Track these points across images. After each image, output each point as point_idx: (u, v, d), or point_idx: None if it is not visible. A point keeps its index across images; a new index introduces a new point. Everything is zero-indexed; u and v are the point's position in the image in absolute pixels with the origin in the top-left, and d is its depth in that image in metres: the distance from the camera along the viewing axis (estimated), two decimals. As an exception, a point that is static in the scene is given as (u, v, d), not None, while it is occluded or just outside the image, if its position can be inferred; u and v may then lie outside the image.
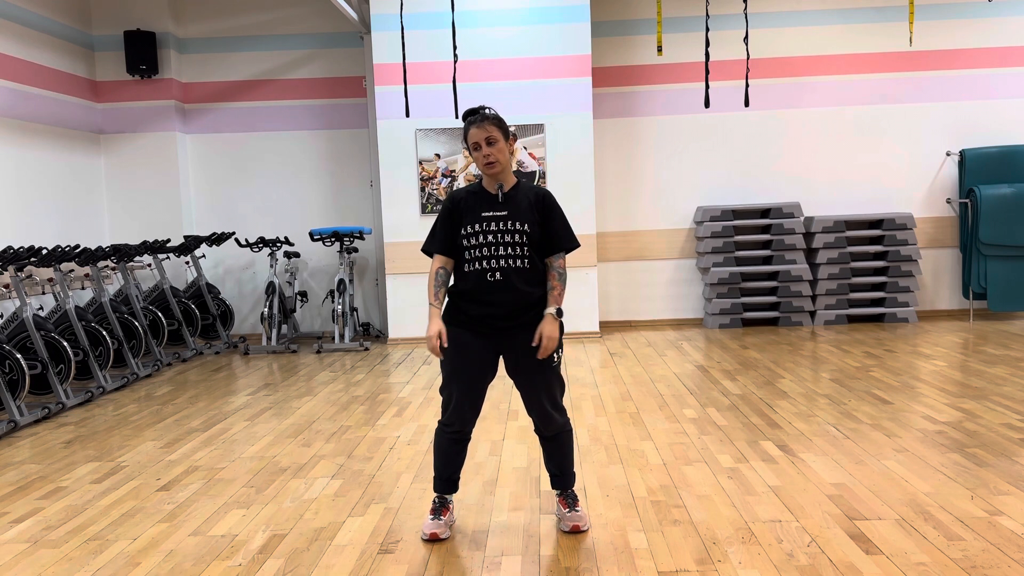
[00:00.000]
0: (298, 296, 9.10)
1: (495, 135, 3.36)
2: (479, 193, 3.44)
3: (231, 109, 9.43)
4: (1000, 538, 3.26)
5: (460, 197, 3.46)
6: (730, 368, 6.85)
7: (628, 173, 9.36)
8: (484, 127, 3.35)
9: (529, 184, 3.54)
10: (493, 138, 3.35)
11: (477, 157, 3.38)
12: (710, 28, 6.82)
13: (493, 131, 3.36)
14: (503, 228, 3.35)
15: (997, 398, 5.49)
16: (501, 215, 3.37)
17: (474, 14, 8.56)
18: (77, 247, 7.06)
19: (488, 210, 3.38)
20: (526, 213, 3.39)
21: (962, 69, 9.19)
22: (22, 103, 7.80)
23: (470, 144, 3.40)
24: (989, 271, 8.82)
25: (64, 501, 4.13)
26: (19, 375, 5.74)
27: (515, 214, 3.37)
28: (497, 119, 3.40)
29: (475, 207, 3.40)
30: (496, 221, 3.36)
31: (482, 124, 3.36)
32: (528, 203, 3.41)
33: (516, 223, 3.36)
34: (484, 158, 3.36)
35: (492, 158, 3.35)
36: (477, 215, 3.38)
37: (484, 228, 3.36)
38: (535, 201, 3.43)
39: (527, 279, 3.36)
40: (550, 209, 3.44)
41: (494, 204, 3.39)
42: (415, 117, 8.47)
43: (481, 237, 3.35)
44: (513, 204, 3.40)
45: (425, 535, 3.46)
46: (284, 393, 6.51)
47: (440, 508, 3.53)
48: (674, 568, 3.10)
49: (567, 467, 3.56)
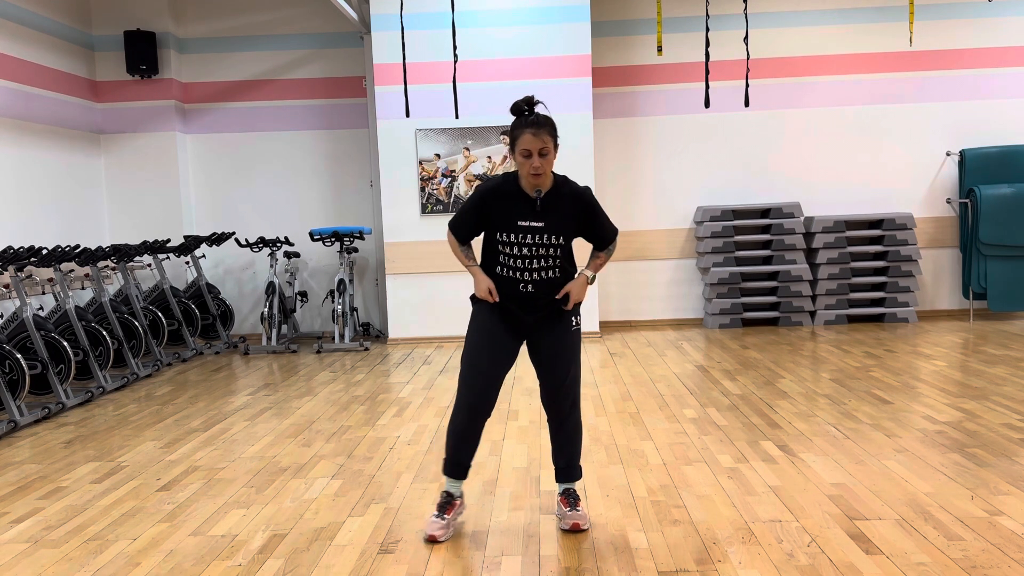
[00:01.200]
0: (298, 296, 9.10)
1: (549, 146, 3.22)
2: (515, 194, 3.31)
3: (231, 109, 9.43)
4: (1000, 538, 3.26)
5: (495, 196, 3.32)
6: (730, 368, 6.85)
7: (628, 173, 9.36)
8: (541, 136, 3.20)
9: (566, 183, 3.38)
10: (547, 149, 3.22)
11: (523, 164, 3.24)
12: (710, 28, 6.82)
13: (548, 142, 3.22)
14: (539, 242, 3.29)
15: (997, 398, 5.49)
16: (538, 227, 3.28)
17: (474, 14, 8.56)
18: (77, 247, 7.06)
19: (525, 218, 3.28)
20: (564, 223, 3.31)
21: (962, 69, 9.19)
22: (22, 103, 7.80)
23: (519, 149, 3.23)
24: (989, 271, 8.82)
25: (64, 501, 4.13)
26: (19, 375, 5.74)
27: (552, 226, 3.29)
28: (552, 126, 3.26)
29: (510, 212, 3.29)
30: (533, 233, 3.28)
31: (539, 133, 3.20)
32: (566, 211, 3.31)
33: (552, 236, 3.30)
34: (532, 168, 3.22)
35: (541, 170, 3.23)
36: (513, 222, 3.29)
37: (520, 240, 3.28)
38: (575, 207, 3.33)
39: (559, 285, 3.41)
40: (593, 211, 3.40)
41: (531, 211, 3.29)
42: (415, 117, 8.47)
43: (516, 248, 3.29)
44: (551, 214, 3.30)
45: (425, 536, 3.44)
46: (284, 393, 6.51)
47: (446, 504, 3.48)
48: (674, 568, 3.10)
49: (575, 459, 3.55)
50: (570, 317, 3.44)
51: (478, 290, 3.39)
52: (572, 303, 3.40)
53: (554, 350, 3.42)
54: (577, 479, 3.57)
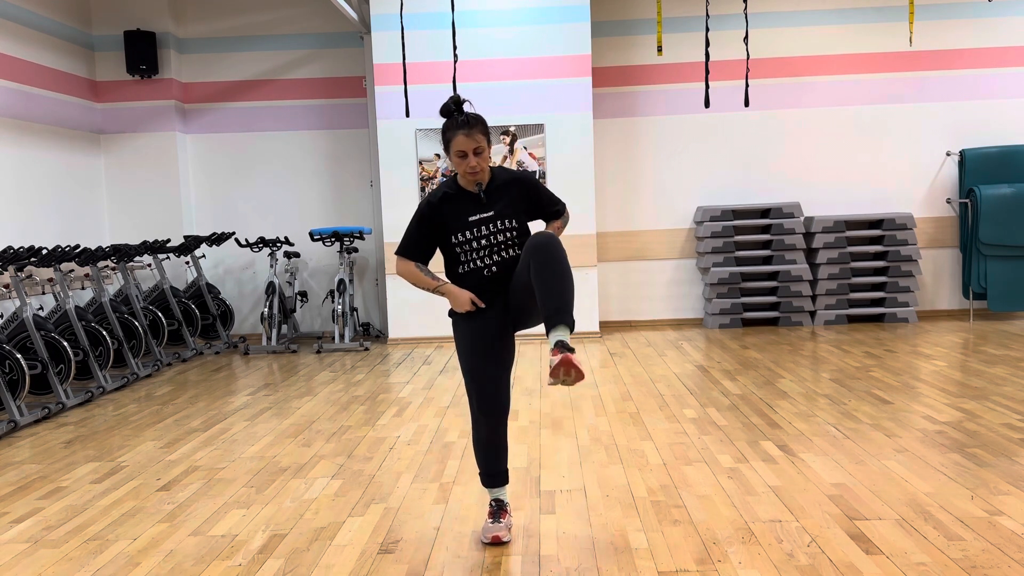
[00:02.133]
0: (298, 296, 9.10)
1: (483, 144, 3.25)
2: (458, 195, 3.35)
3: (231, 109, 9.43)
4: (1000, 538, 3.26)
5: (439, 202, 3.34)
6: (730, 368, 6.85)
7: (628, 173, 9.36)
8: (474, 136, 3.21)
9: (503, 172, 3.42)
10: (481, 148, 3.24)
11: (459, 164, 3.26)
12: (710, 28, 6.82)
13: (481, 140, 3.24)
14: (493, 229, 3.31)
15: (997, 398, 5.49)
16: (488, 216, 3.31)
17: (474, 14, 8.56)
18: (77, 247, 7.06)
19: (473, 212, 3.32)
20: (510, 207, 3.34)
21: (962, 69, 9.18)
22: (22, 103, 7.80)
23: (454, 151, 3.24)
24: (989, 271, 8.82)
25: (64, 501, 4.13)
26: (19, 375, 5.74)
27: (501, 212, 3.32)
28: (483, 124, 3.26)
29: (459, 212, 3.32)
30: (485, 224, 3.31)
31: (471, 133, 3.21)
32: (510, 196, 3.36)
33: (504, 221, 3.32)
34: (469, 168, 3.25)
35: (478, 167, 3.26)
36: (464, 220, 3.31)
37: (476, 234, 3.30)
38: (516, 191, 3.38)
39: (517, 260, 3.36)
40: (535, 191, 3.45)
41: (478, 205, 3.33)
42: (415, 117, 8.46)
43: (473, 243, 3.31)
44: (496, 201, 3.33)
45: (486, 539, 3.38)
46: (284, 393, 6.51)
47: (498, 511, 3.45)
48: (674, 568, 3.10)
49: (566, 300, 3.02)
50: None
51: (459, 305, 3.32)
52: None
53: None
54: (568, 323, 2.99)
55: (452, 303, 3.36)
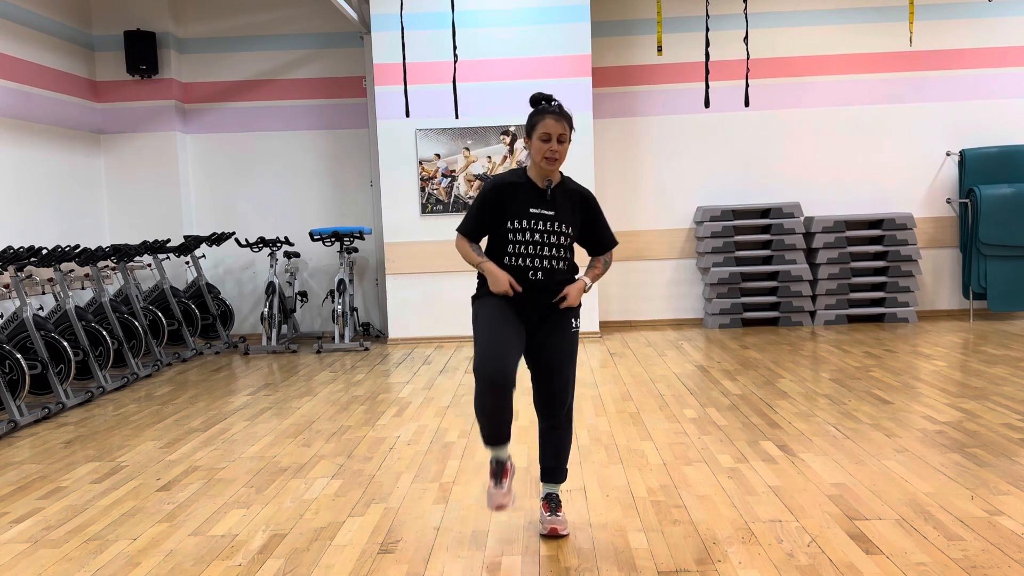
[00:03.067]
0: (298, 296, 9.10)
1: (568, 134, 3.33)
2: (526, 185, 3.38)
3: (231, 109, 9.43)
4: (1000, 538, 3.26)
5: (505, 186, 3.38)
6: (730, 368, 6.85)
7: (628, 173, 9.36)
8: (562, 123, 3.30)
9: (573, 182, 3.50)
10: (565, 136, 3.32)
11: (540, 148, 3.30)
12: (710, 28, 6.82)
13: (567, 130, 3.33)
14: (550, 229, 3.34)
15: (997, 398, 5.49)
16: (549, 215, 3.35)
17: (474, 14, 8.56)
18: (77, 247, 7.06)
19: (536, 206, 3.35)
20: (571, 215, 3.40)
21: (962, 69, 9.18)
22: (22, 103, 7.80)
23: (539, 133, 3.30)
24: (989, 271, 8.82)
25: (64, 501, 4.13)
26: (19, 375, 5.74)
27: (562, 215, 3.37)
28: (571, 119, 3.37)
29: (522, 200, 3.36)
30: (544, 220, 3.34)
31: (560, 119, 3.30)
32: (573, 204, 3.41)
33: (563, 225, 3.36)
34: (550, 151, 3.29)
35: (557, 155, 3.30)
36: (525, 210, 3.35)
37: (531, 226, 3.33)
38: (580, 203, 3.44)
39: (564, 278, 3.42)
40: (595, 213, 3.49)
41: (542, 201, 3.36)
42: (415, 117, 8.47)
43: (528, 235, 3.33)
44: (560, 204, 3.38)
45: (491, 506, 3.38)
46: (284, 393, 6.51)
47: (499, 472, 3.37)
48: (674, 568, 3.10)
49: (563, 460, 3.51)
50: (570, 319, 3.44)
51: (497, 286, 3.32)
52: (568, 302, 3.39)
53: (555, 351, 3.40)
54: (562, 481, 3.54)
55: (491, 281, 3.34)
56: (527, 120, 3.39)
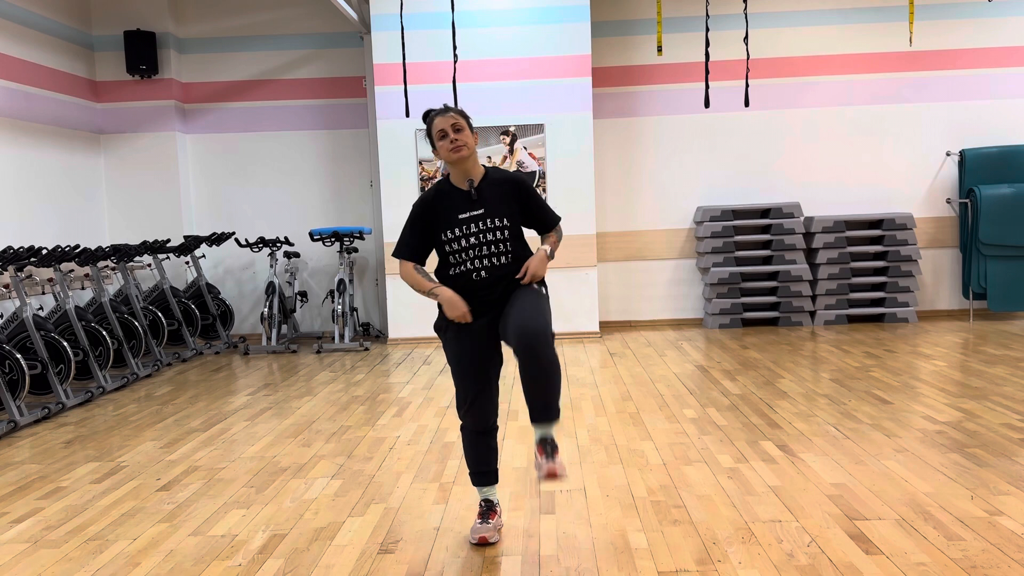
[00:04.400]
0: (298, 296, 9.10)
1: (460, 122, 3.29)
2: (449, 192, 3.33)
3: (231, 109, 9.43)
4: (1000, 538, 3.26)
5: (430, 199, 3.35)
6: (730, 368, 6.85)
7: (628, 173, 9.36)
8: (450, 115, 3.29)
9: (498, 171, 3.41)
10: (459, 124, 3.27)
11: (442, 146, 3.27)
12: (710, 28, 6.82)
13: (459, 119, 3.29)
14: (483, 228, 3.28)
15: (997, 398, 5.49)
16: (478, 214, 3.28)
17: (474, 14, 8.56)
18: (77, 247, 7.06)
19: (464, 210, 3.29)
20: (502, 206, 3.31)
21: (962, 69, 9.18)
22: (22, 103, 7.80)
23: (435, 133, 3.29)
24: (989, 271, 8.82)
25: (64, 501, 4.13)
26: (19, 375, 5.74)
27: (492, 210, 3.29)
28: (461, 111, 3.35)
29: (449, 209, 3.30)
30: (474, 222, 3.28)
31: (446, 114, 3.29)
32: (502, 194, 3.32)
33: (494, 220, 3.28)
34: (451, 143, 3.25)
35: (460, 142, 3.25)
36: (454, 218, 3.29)
37: (464, 232, 3.27)
38: (509, 191, 3.34)
39: (513, 271, 3.32)
40: (528, 195, 3.39)
41: (468, 203, 3.30)
42: (415, 117, 8.45)
43: (463, 241, 3.27)
44: (487, 200, 3.30)
45: (473, 539, 3.38)
46: (284, 393, 6.51)
47: (487, 512, 3.45)
48: (674, 568, 3.10)
49: (552, 398, 3.13)
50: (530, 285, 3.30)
51: (451, 312, 3.23)
52: (530, 277, 3.28)
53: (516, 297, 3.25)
54: (554, 419, 3.16)
55: (445, 308, 3.25)
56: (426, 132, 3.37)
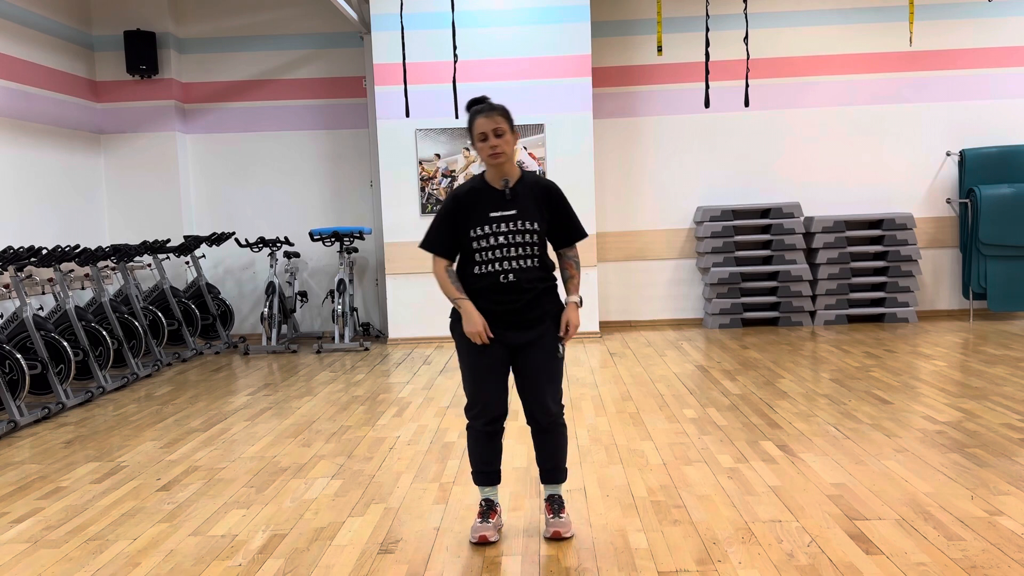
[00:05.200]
0: (298, 296, 9.10)
1: (503, 126, 3.29)
2: (483, 190, 3.35)
3: (231, 109, 9.43)
4: (1000, 538, 3.26)
5: (463, 194, 3.36)
6: (730, 368, 6.84)
7: (628, 173, 9.36)
8: (492, 117, 3.28)
9: (533, 176, 3.45)
10: (501, 129, 3.28)
11: (482, 148, 3.29)
12: (710, 28, 6.82)
13: (501, 123, 3.29)
14: (513, 229, 3.29)
15: (997, 398, 5.49)
16: (510, 215, 3.29)
17: (474, 14, 8.56)
18: (77, 247, 7.06)
19: (496, 209, 3.30)
20: (534, 210, 3.32)
21: (962, 69, 9.18)
22: (22, 103, 7.80)
23: (475, 134, 3.31)
24: (989, 271, 8.82)
25: (64, 501, 4.13)
26: (19, 375, 5.74)
27: (524, 213, 3.31)
28: (504, 110, 3.33)
29: (481, 206, 3.31)
30: (505, 222, 3.29)
31: (490, 114, 3.29)
32: (535, 198, 3.34)
33: (526, 222, 3.30)
34: (490, 149, 3.27)
35: (499, 149, 3.27)
36: (485, 215, 3.30)
37: (494, 230, 3.28)
38: (542, 196, 3.37)
39: (538, 276, 3.34)
40: (559, 203, 3.41)
41: (501, 202, 3.31)
42: (415, 117, 8.47)
43: (492, 239, 3.28)
44: (520, 201, 3.32)
45: (474, 538, 3.38)
46: (284, 393, 6.51)
47: (488, 511, 3.44)
48: (674, 568, 3.10)
49: (560, 461, 3.47)
50: (556, 345, 3.38)
51: (468, 327, 3.28)
52: (573, 332, 3.39)
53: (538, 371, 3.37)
54: (562, 482, 3.50)
55: (464, 322, 3.30)
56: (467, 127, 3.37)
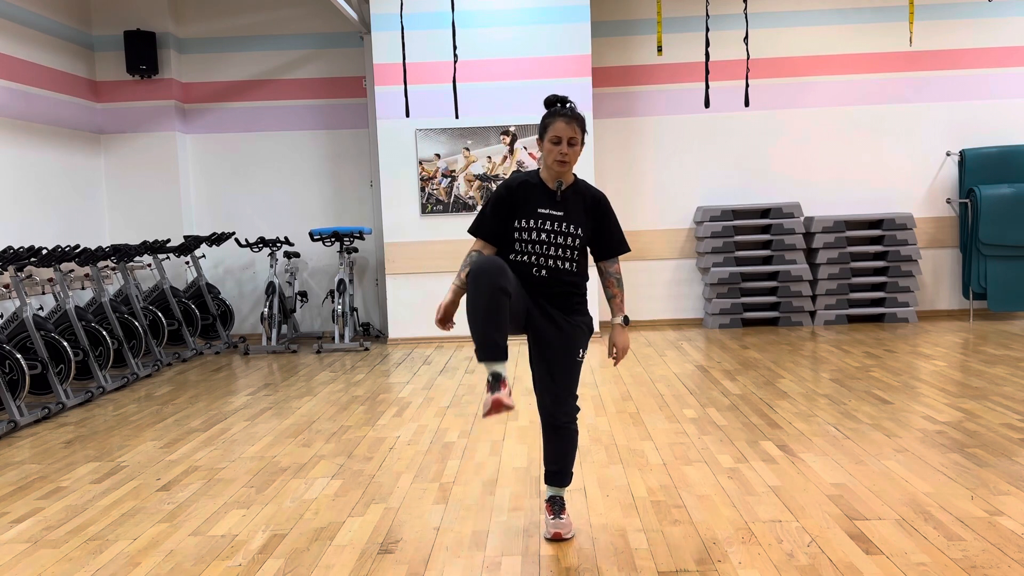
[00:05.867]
0: (298, 296, 9.10)
1: (578, 137, 3.32)
2: (537, 185, 3.39)
3: (231, 109, 9.43)
4: (1000, 538, 3.26)
5: (516, 185, 3.39)
6: (730, 368, 6.84)
7: (628, 173, 9.36)
8: (573, 126, 3.30)
9: (586, 184, 3.49)
10: (576, 139, 3.31)
11: (551, 151, 3.31)
12: (710, 28, 6.82)
13: (579, 133, 3.32)
14: (557, 229, 3.33)
15: (997, 398, 5.49)
16: (557, 215, 3.35)
17: (474, 14, 8.56)
18: (77, 247, 7.06)
19: (545, 207, 3.35)
20: (581, 216, 3.38)
21: (962, 69, 9.18)
22: (22, 103, 7.80)
23: (549, 136, 3.31)
24: (989, 271, 8.82)
25: (64, 501, 4.13)
26: (19, 375, 5.74)
27: (570, 216, 3.36)
28: (583, 121, 3.36)
29: (531, 200, 3.36)
30: (551, 220, 3.34)
31: (571, 122, 3.30)
32: (584, 206, 3.40)
33: (571, 226, 3.35)
34: (560, 154, 3.30)
35: (567, 157, 3.31)
36: (532, 210, 3.35)
37: (538, 225, 3.33)
38: (591, 204, 3.42)
39: (571, 279, 3.39)
40: (606, 214, 3.46)
41: (551, 201, 3.36)
42: (415, 117, 8.47)
43: (534, 234, 3.33)
44: (570, 205, 3.38)
45: (487, 408, 3.09)
46: (284, 393, 6.51)
47: (496, 383, 3.10)
48: (674, 568, 3.10)
49: (567, 465, 3.49)
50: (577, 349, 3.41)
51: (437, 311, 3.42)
52: (622, 355, 3.52)
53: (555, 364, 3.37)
54: (566, 485, 3.51)
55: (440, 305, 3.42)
56: (540, 121, 3.39)
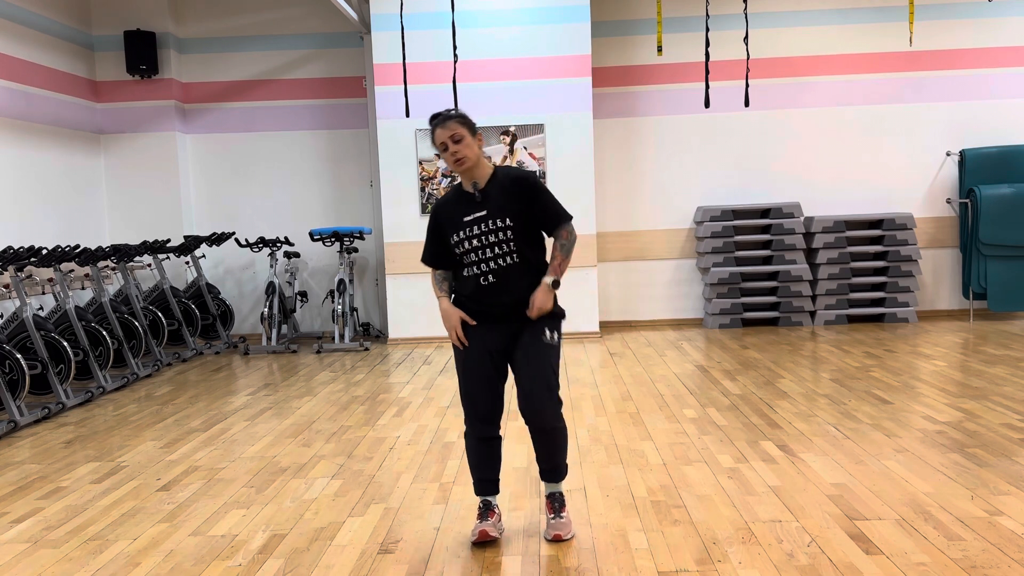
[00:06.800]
0: (298, 296, 9.10)
1: (460, 132, 3.31)
2: (458, 197, 3.41)
3: (231, 109, 9.43)
4: (1000, 538, 3.26)
5: (440, 206, 3.44)
6: (730, 368, 6.84)
7: (628, 173, 9.36)
8: (448, 126, 3.31)
9: (505, 171, 3.44)
10: (458, 135, 3.30)
11: (446, 158, 3.34)
12: (710, 28, 6.82)
13: (457, 128, 3.31)
14: (485, 229, 3.31)
15: (997, 398, 5.49)
16: (480, 215, 3.32)
17: (474, 14, 8.56)
18: (77, 247, 7.06)
19: (469, 213, 3.34)
20: (506, 205, 3.33)
21: (962, 69, 9.18)
22: (22, 103, 7.80)
23: (438, 146, 3.35)
24: (989, 271, 8.82)
25: (64, 501, 4.13)
26: (19, 375, 5.74)
27: (494, 211, 3.32)
28: (461, 116, 3.36)
29: (455, 213, 3.37)
30: (477, 224, 3.32)
31: (445, 124, 3.32)
32: (507, 193, 3.34)
33: (496, 220, 3.31)
34: (452, 156, 3.31)
35: (460, 155, 3.30)
36: (459, 222, 3.35)
37: (468, 234, 3.32)
38: (513, 189, 3.36)
39: (520, 272, 3.35)
40: (532, 191, 3.38)
41: (472, 205, 3.35)
42: (415, 117, 8.44)
43: (467, 243, 3.33)
44: (492, 201, 3.34)
45: (474, 536, 3.36)
46: (284, 393, 6.51)
47: (486, 512, 3.43)
48: (674, 568, 3.10)
49: (560, 461, 3.45)
50: (543, 329, 3.36)
51: (445, 321, 3.41)
52: (536, 311, 3.32)
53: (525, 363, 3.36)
54: (561, 479, 3.49)
55: (443, 319, 3.43)
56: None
